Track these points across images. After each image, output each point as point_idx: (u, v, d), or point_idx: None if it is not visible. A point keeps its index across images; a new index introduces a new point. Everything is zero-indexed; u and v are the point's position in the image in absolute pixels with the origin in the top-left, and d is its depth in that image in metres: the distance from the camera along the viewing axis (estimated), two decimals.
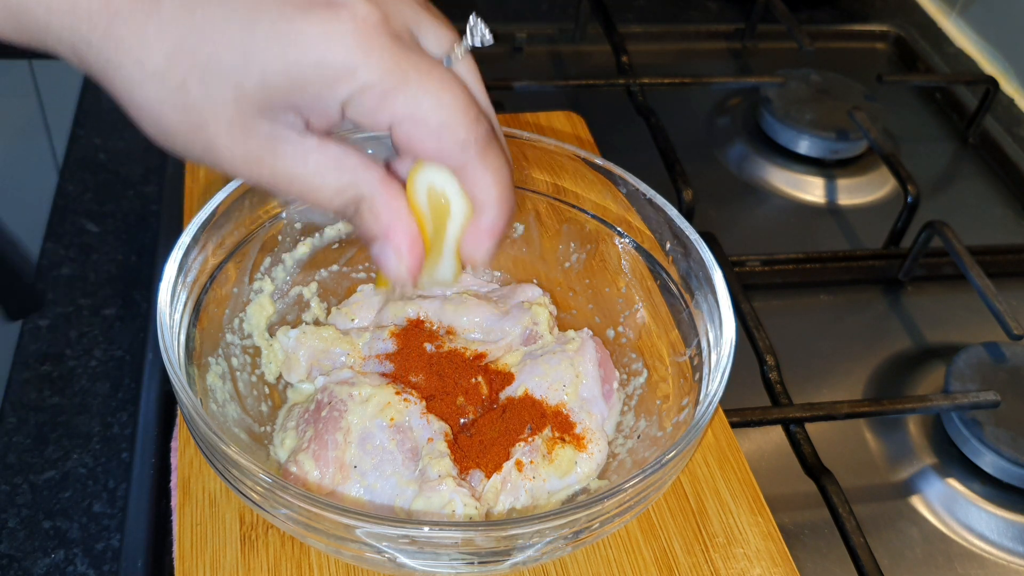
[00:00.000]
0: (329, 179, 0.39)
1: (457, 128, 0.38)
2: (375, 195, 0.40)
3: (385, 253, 0.41)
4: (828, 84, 0.96)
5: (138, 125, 0.38)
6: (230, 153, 0.37)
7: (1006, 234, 0.87)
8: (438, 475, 0.47)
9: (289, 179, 0.38)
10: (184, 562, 0.48)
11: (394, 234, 0.41)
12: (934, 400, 0.65)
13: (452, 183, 0.41)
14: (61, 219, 0.74)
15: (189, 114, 0.36)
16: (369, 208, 0.40)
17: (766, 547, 0.51)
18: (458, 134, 0.38)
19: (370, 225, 0.40)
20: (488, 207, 0.41)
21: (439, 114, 0.37)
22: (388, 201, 0.40)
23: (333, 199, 0.39)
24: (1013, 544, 0.62)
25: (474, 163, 0.39)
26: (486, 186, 0.40)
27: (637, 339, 0.57)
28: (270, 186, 0.39)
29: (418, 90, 0.37)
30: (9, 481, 0.57)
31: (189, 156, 0.38)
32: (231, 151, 0.37)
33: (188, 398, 0.43)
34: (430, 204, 0.42)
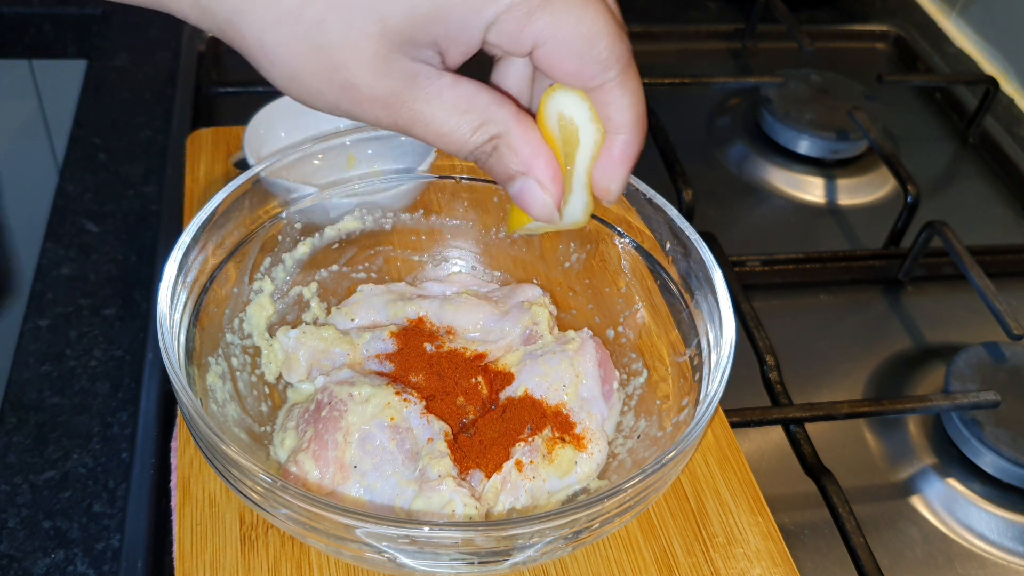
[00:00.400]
0: (465, 119, 0.38)
1: (600, 46, 0.37)
2: (511, 130, 0.39)
3: (529, 188, 0.40)
4: (828, 84, 0.96)
5: (267, 75, 0.37)
6: (369, 92, 0.37)
7: (1006, 234, 0.87)
8: (438, 475, 0.47)
9: (427, 120, 0.38)
10: (184, 562, 0.48)
11: (536, 166, 0.40)
12: (934, 400, 0.65)
13: (582, 109, 0.40)
14: (61, 219, 0.74)
15: (326, 54, 0.36)
16: (507, 145, 0.39)
17: (766, 547, 0.51)
18: (601, 52, 0.38)
19: (508, 162, 0.39)
20: (625, 129, 0.40)
21: (582, 32, 0.37)
22: (525, 134, 0.39)
23: (469, 139, 0.38)
24: (1013, 544, 0.62)
25: (614, 82, 0.39)
26: (624, 107, 0.39)
27: (637, 339, 0.57)
28: (406, 128, 0.38)
29: (563, 9, 0.36)
30: (9, 481, 0.57)
31: (321, 102, 0.37)
32: (371, 90, 0.37)
33: (188, 398, 0.43)
34: (564, 135, 0.40)
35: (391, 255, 0.62)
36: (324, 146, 0.55)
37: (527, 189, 0.40)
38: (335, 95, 0.37)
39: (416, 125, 0.38)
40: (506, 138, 0.39)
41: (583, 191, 0.42)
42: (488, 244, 0.62)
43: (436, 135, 0.38)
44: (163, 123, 0.84)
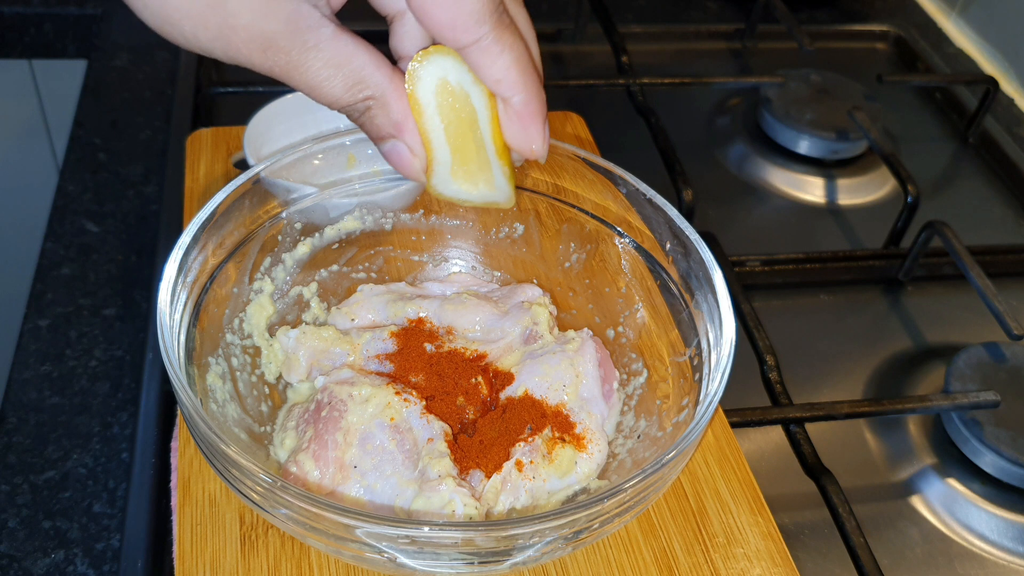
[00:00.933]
0: (340, 76, 0.37)
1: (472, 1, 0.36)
2: (385, 93, 0.38)
3: (398, 151, 0.40)
4: (828, 84, 0.96)
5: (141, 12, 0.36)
6: (247, 34, 0.36)
7: (1006, 234, 0.87)
8: (438, 475, 0.47)
9: (302, 70, 0.37)
10: (184, 562, 0.48)
11: (404, 128, 0.40)
12: (934, 400, 0.65)
13: (463, 72, 0.38)
14: (61, 219, 0.74)
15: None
16: (380, 105, 0.39)
17: (766, 547, 0.51)
18: (473, 6, 0.36)
19: (381, 123, 0.39)
20: (517, 87, 0.39)
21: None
22: (399, 98, 0.39)
23: (342, 96, 0.38)
24: (1013, 544, 0.62)
25: (491, 40, 0.37)
26: (507, 64, 0.38)
27: (637, 339, 0.57)
28: (281, 75, 0.37)
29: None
30: (9, 481, 0.57)
31: (197, 43, 0.36)
32: (249, 31, 0.36)
33: (188, 398, 0.43)
34: (447, 102, 0.39)
35: (391, 255, 0.62)
36: (324, 146, 0.55)
37: (396, 151, 0.40)
38: (212, 35, 0.36)
39: (292, 73, 0.37)
40: (380, 100, 0.38)
41: (497, 159, 0.40)
42: (488, 244, 0.62)
43: (309, 86, 0.38)
44: (163, 123, 0.84)
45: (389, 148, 0.41)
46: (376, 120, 0.39)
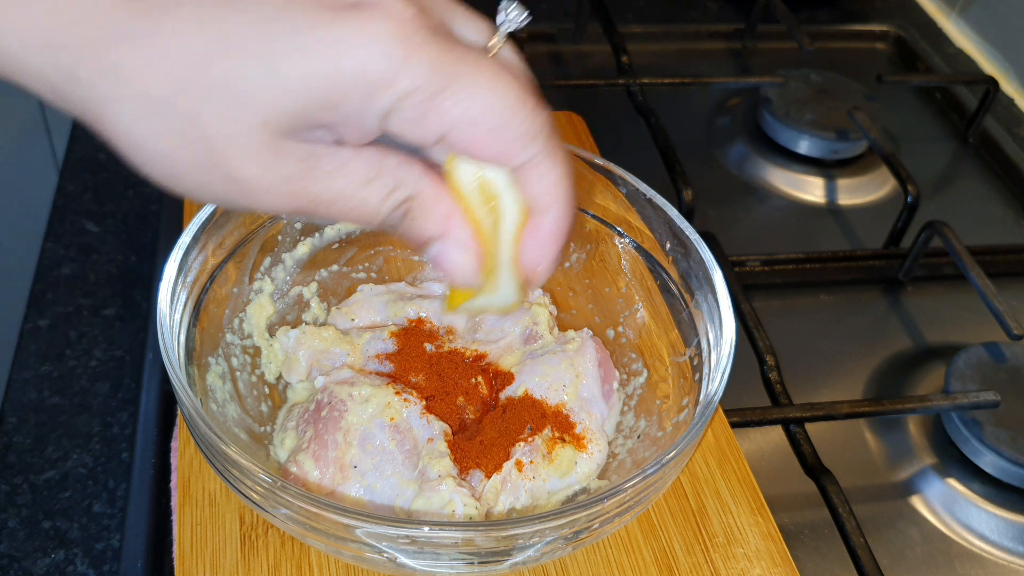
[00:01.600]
0: (374, 187, 0.34)
1: (518, 123, 0.34)
2: (423, 190, 0.35)
3: (448, 250, 0.37)
4: (828, 84, 0.96)
5: (142, 168, 0.33)
6: (260, 184, 0.32)
7: (1006, 234, 0.87)
8: (438, 475, 0.47)
9: (331, 199, 0.34)
10: (184, 562, 0.48)
11: (454, 226, 0.36)
12: (934, 400, 0.65)
13: (501, 174, 0.36)
14: (61, 219, 0.74)
15: (204, 148, 0.32)
16: (420, 206, 0.35)
17: (766, 547, 0.51)
18: (520, 127, 0.34)
19: (422, 225, 0.36)
20: (555, 206, 0.36)
21: (496, 110, 0.33)
22: (437, 193, 0.36)
23: (381, 207, 0.35)
24: (1013, 544, 0.62)
25: (539, 157, 0.35)
26: (553, 182, 0.36)
27: (637, 339, 0.57)
28: (310, 211, 0.34)
29: (470, 87, 0.32)
30: (9, 481, 0.57)
31: (206, 195, 0.33)
32: (261, 181, 0.32)
33: (188, 398, 0.43)
34: (483, 200, 0.36)
35: (391, 255, 0.62)
36: None
37: (447, 251, 0.37)
38: (222, 188, 0.33)
39: (321, 206, 0.34)
40: (419, 200, 0.35)
41: (509, 271, 0.39)
42: None
43: (345, 210, 0.34)
44: None
45: (437, 252, 0.37)
46: (418, 223, 0.36)
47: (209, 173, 0.32)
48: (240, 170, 0.32)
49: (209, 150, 0.32)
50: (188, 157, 0.32)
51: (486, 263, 0.38)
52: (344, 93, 0.31)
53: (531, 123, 0.34)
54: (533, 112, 0.34)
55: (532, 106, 0.34)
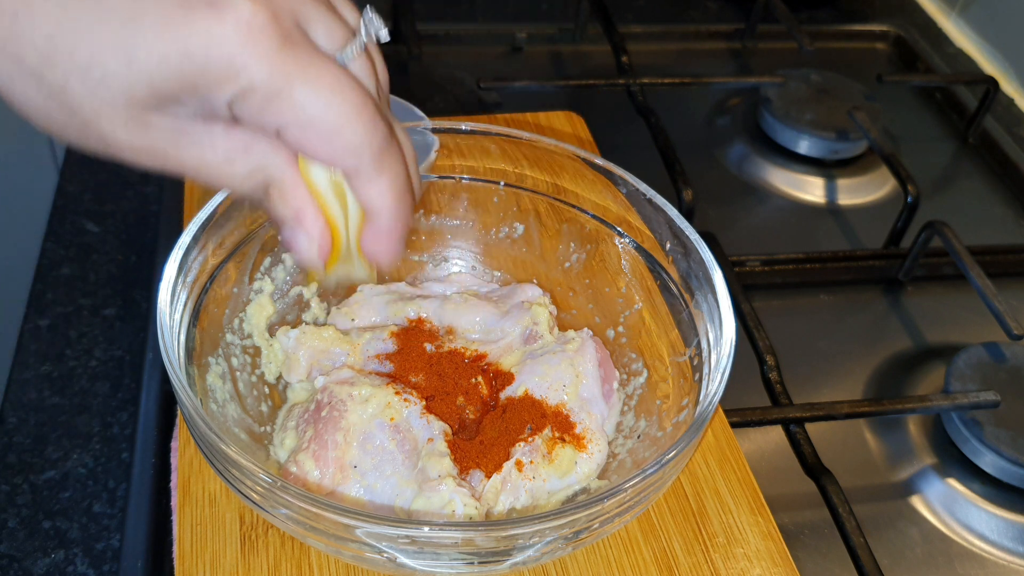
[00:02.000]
0: (238, 165, 0.37)
1: (349, 133, 0.36)
2: (284, 178, 0.38)
3: (296, 236, 0.40)
4: (828, 84, 0.96)
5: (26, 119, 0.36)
6: (130, 147, 0.36)
7: (1006, 234, 0.87)
8: (438, 475, 0.47)
9: (196, 167, 0.37)
10: (184, 562, 0.48)
11: (304, 216, 0.39)
12: (934, 400, 0.65)
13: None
14: (61, 219, 0.74)
15: (77, 114, 0.34)
16: (279, 192, 0.38)
17: (766, 547, 0.51)
18: (350, 139, 0.36)
19: (279, 209, 0.39)
20: (384, 213, 0.39)
21: (328, 117, 0.36)
22: (297, 184, 0.39)
23: (243, 183, 0.38)
24: (1013, 544, 0.62)
25: (367, 169, 0.38)
26: (378, 193, 0.39)
27: (637, 339, 0.57)
28: (177, 173, 0.37)
29: (306, 92, 0.35)
30: (9, 481, 0.57)
31: (85, 149, 0.36)
32: (130, 145, 0.35)
33: (188, 398, 0.43)
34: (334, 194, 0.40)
35: None
36: None
37: (295, 237, 0.40)
38: (95, 146, 0.36)
39: (187, 171, 0.37)
40: (278, 185, 0.38)
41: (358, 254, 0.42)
42: (488, 244, 0.62)
43: (209, 179, 0.37)
44: None
45: (288, 234, 0.40)
46: (276, 204, 0.39)
47: (84, 135, 0.35)
48: (110, 136, 0.35)
49: (80, 118, 0.35)
50: (63, 120, 0.35)
51: (336, 248, 0.41)
52: (193, 83, 0.34)
53: (362, 134, 0.36)
54: (366, 125, 0.36)
55: (368, 118, 0.36)
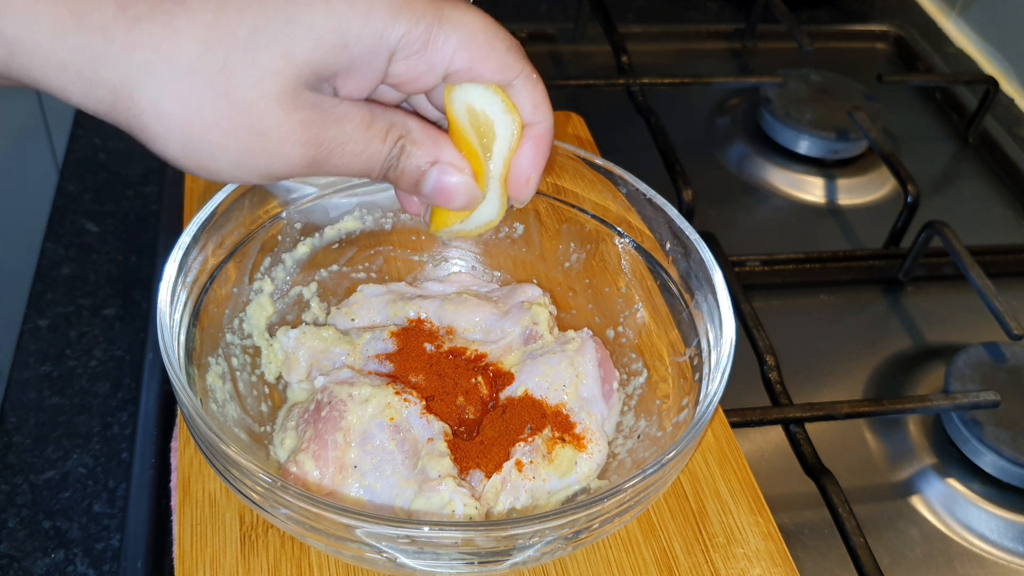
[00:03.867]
0: (375, 129, 0.38)
1: (504, 37, 0.39)
2: (412, 127, 0.40)
3: (444, 175, 0.41)
4: (828, 84, 0.96)
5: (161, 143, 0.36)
6: (280, 131, 0.36)
7: (1006, 234, 0.87)
8: (438, 475, 0.47)
9: (342, 141, 0.38)
10: (184, 562, 0.48)
11: (445, 150, 0.41)
12: (934, 400, 0.65)
13: (494, 102, 0.40)
14: (61, 219, 0.74)
15: (231, 99, 0.35)
16: (412, 139, 0.40)
17: (766, 547, 0.51)
18: (508, 42, 0.39)
19: (417, 155, 0.40)
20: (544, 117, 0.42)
21: (486, 30, 0.39)
22: (426, 126, 0.40)
23: (382, 147, 0.39)
24: (1013, 544, 0.62)
25: (528, 71, 0.40)
26: (541, 96, 0.41)
27: (637, 339, 0.57)
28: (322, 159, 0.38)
29: (460, 15, 0.38)
30: (9, 481, 0.57)
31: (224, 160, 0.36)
32: (282, 128, 0.36)
33: (188, 398, 0.43)
34: (473, 127, 0.41)
35: (391, 255, 0.62)
36: None
37: (442, 177, 0.41)
38: (241, 145, 0.36)
39: (333, 152, 0.38)
40: (411, 136, 0.40)
41: (498, 187, 0.43)
42: (488, 244, 0.62)
43: (352, 155, 0.38)
44: None
45: (435, 181, 0.41)
46: (413, 156, 0.40)
47: (232, 127, 0.36)
48: (263, 119, 0.35)
49: (234, 101, 0.35)
50: (212, 114, 0.35)
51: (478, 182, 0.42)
52: (357, 36, 0.36)
53: (515, 42, 0.40)
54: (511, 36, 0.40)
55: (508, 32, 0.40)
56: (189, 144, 0.36)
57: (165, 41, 0.34)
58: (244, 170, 0.37)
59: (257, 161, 0.37)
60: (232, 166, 0.37)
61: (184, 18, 0.34)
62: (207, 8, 0.34)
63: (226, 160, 0.36)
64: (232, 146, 0.36)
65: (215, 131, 0.35)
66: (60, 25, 0.33)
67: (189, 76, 0.34)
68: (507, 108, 0.41)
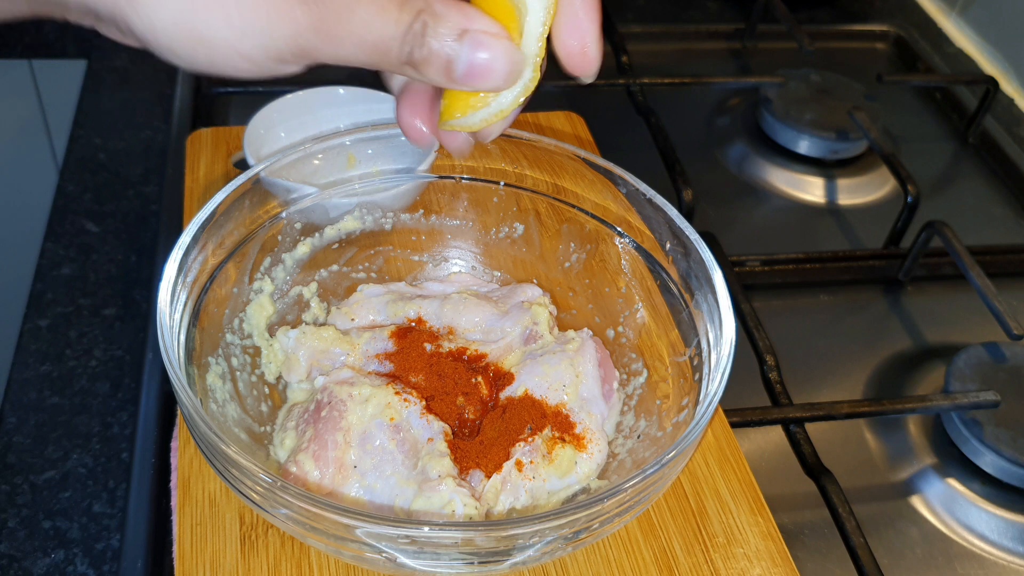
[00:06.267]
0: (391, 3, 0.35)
1: None
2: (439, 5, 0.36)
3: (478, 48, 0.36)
4: (828, 84, 0.96)
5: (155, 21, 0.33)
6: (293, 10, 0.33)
7: (1006, 234, 0.87)
8: (438, 475, 0.47)
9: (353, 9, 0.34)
10: (184, 562, 0.48)
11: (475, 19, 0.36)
12: (934, 400, 0.65)
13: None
14: (61, 219, 0.74)
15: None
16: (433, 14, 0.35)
17: (766, 547, 0.51)
18: None
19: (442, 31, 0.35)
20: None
21: None
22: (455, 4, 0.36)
23: (399, 18, 0.35)
24: (1013, 544, 0.62)
25: None
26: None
27: (637, 339, 0.57)
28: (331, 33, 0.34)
29: None
30: (9, 481, 0.57)
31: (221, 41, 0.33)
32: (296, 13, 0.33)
33: (188, 398, 0.43)
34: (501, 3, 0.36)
35: (391, 255, 0.62)
36: (324, 146, 0.55)
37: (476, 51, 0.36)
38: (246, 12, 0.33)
39: (340, 15, 0.34)
40: (431, 8, 0.35)
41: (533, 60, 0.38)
42: (488, 244, 0.62)
43: (363, 23, 0.34)
44: (163, 123, 0.84)
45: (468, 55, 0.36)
46: (438, 29, 0.35)
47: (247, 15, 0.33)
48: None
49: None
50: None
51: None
52: None
53: None
54: None
55: None
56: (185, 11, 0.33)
57: None
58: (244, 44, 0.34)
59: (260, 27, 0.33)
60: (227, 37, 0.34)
61: None
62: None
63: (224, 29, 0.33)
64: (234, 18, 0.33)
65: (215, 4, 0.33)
66: None
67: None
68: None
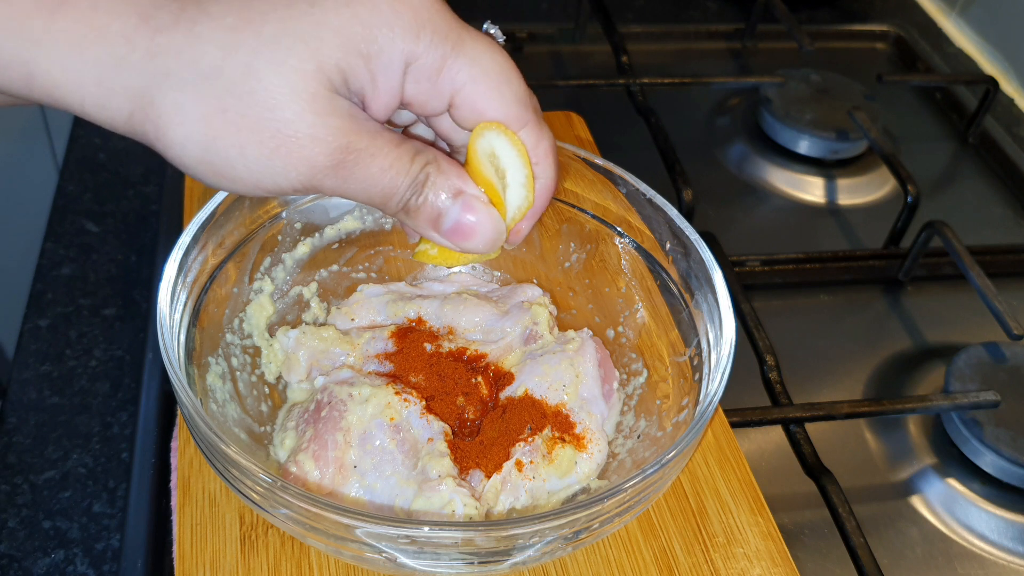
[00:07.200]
0: (405, 149, 0.38)
1: (517, 84, 0.39)
2: (439, 156, 0.40)
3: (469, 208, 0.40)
4: (828, 84, 0.96)
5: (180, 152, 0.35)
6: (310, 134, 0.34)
7: (1006, 234, 0.87)
8: (438, 475, 0.47)
9: (373, 153, 0.36)
10: (184, 562, 0.48)
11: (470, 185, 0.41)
12: (934, 400, 0.65)
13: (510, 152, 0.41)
14: (61, 219, 0.74)
15: (257, 99, 0.34)
16: (438, 168, 0.39)
17: (766, 547, 0.51)
18: (519, 88, 0.39)
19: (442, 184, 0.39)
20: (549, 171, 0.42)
21: (498, 70, 0.38)
22: (451, 160, 0.40)
23: (411, 166, 0.38)
24: (1013, 544, 0.62)
25: (536, 119, 0.40)
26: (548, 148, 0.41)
27: (637, 339, 0.57)
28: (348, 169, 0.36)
29: (475, 48, 0.38)
30: (9, 481, 0.57)
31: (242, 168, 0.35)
32: (312, 130, 0.34)
33: (188, 398, 0.43)
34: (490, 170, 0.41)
35: (391, 255, 0.62)
36: None
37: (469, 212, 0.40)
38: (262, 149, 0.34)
39: (359, 163, 0.36)
40: (438, 163, 0.39)
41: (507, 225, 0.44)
42: None
43: (379, 170, 0.37)
44: None
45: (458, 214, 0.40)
46: (438, 182, 0.39)
47: (255, 129, 0.34)
48: (292, 121, 0.34)
49: (261, 102, 0.34)
50: (236, 115, 0.34)
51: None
52: (382, 44, 0.35)
53: (526, 90, 0.40)
54: (523, 80, 0.40)
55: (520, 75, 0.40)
56: (208, 148, 0.34)
57: (187, 47, 0.33)
58: (260, 176, 0.36)
59: (276, 166, 0.35)
60: (249, 172, 0.35)
61: (205, 24, 0.34)
62: (229, 12, 0.34)
63: (243, 165, 0.35)
64: (251, 150, 0.35)
65: (236, 133, 0.34)
66: (79, 40, 0.33)
67: (212, 78, 0.33)
68: (526, 182, 0.41)
